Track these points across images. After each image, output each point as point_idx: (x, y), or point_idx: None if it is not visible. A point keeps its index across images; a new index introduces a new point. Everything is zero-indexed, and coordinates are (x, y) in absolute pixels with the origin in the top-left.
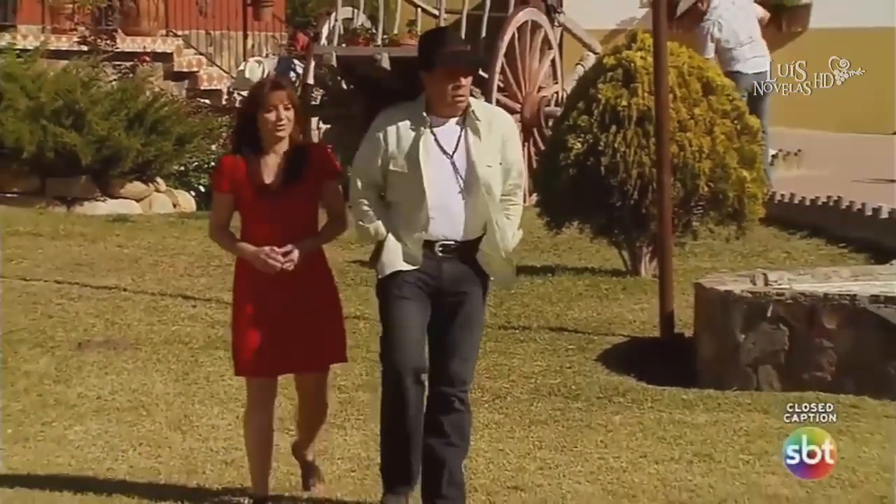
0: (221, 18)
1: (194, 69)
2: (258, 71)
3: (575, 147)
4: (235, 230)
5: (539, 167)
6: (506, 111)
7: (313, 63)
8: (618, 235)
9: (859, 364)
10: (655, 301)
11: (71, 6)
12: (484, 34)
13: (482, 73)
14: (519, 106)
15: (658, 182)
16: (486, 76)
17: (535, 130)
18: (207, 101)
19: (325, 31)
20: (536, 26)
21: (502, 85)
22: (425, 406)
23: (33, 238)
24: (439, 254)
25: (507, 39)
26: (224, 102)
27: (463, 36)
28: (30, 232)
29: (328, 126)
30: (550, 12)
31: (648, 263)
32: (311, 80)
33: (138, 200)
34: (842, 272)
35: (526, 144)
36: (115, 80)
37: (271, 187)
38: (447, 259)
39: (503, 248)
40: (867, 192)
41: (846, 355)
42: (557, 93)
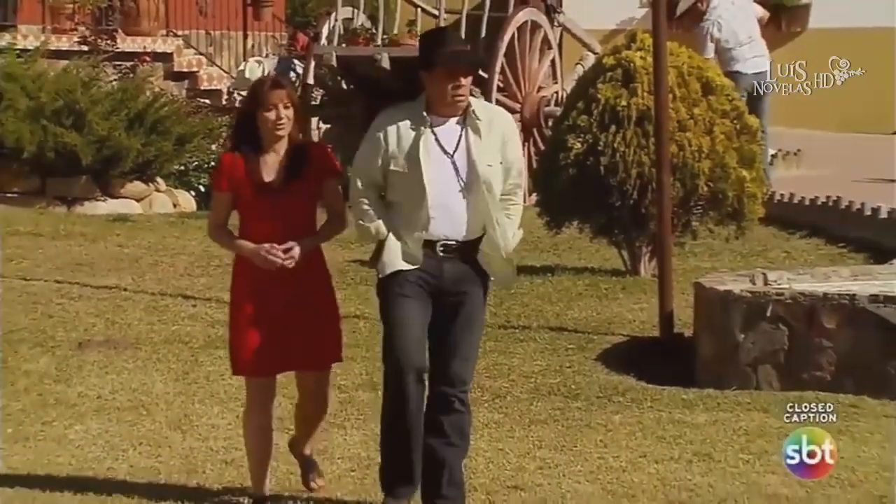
0: (221, 18)
1: (194, 69)
2: (258, 71)
3: (574, 147)
4: (234, 229)
5: (539, 167)
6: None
7: (313, 63)
8: (617, 235)
9: (859, 364)
10: (655, 301)
11: (71, 6)
12: (484, 34)
13: (482, 73)
14: (519, 106)
15: (657, 182)
16: (486, 76)
17: (535, 130)
18: (207, 101)
19: (325, 31)
20: (536, 26)
21: (502, 85)
22: (425, 406)
23: (34, 238)
24: (440, 253)
25: (507, 39)
26: (224, 102)
27: (463, 36)
28: (30, 232)
29: (328, 126)
30: (550, 12)
31: (648, 263)
32: (311, 80)
33: (138, 200)
34: (841, 272)
35: (526, 144)
36: (116, 80)
37: (271, 185)
38: (448, 259)
39: (504, 248)
40: (866, 192)
41: (845, 355)
42: (557, 93)
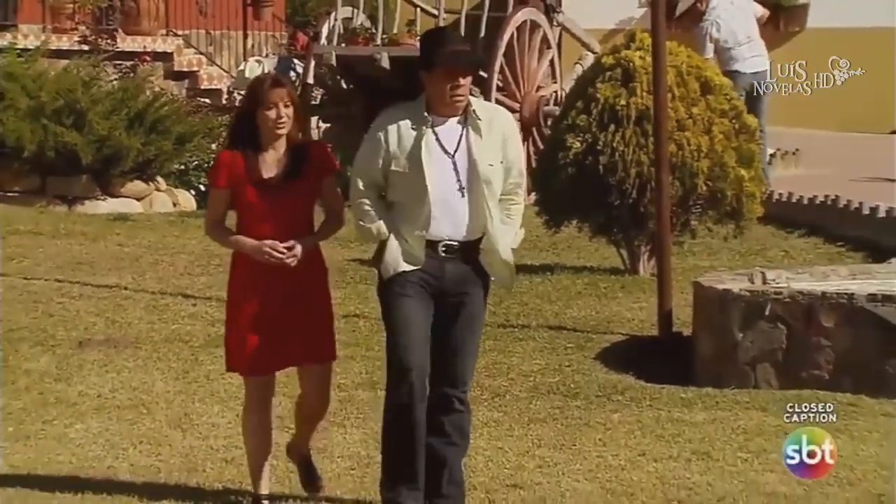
0: (221, 18)
1: (194, 69)
2: (258, 70)
3: (574, 146)
4: (231, 228)
5: (538, 166)
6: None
7: (313, 62)
8: (616, 234)
9: (857, 362)
10: (654, 299)
11: (72, 6)
12: (483, 34)
13: (481, 73)
14: (518, 105)
15: (656, 181)
16: (486, 75)
17: (534, 130)
18: (207, 101)
19: (325, 31)
20: (535, 26)
21: (501, 84)
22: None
23: (34, 237)
24: (442, 254)
25: (506, 39)
26: (224, 102)
27: (462, 35)
28: (31, 231)
29: (328, 125)
30: (549, 12)
31: (647, 262)
32: (311, 80)
33: (139, 199)
34: (839, 271)
35: (525, 144)
36: (116, 80)
37: (270, 182)
38: (450, 259)
39: (505, 248)
40: (865, 191)
41: (844, 354)
42: (556, 92)
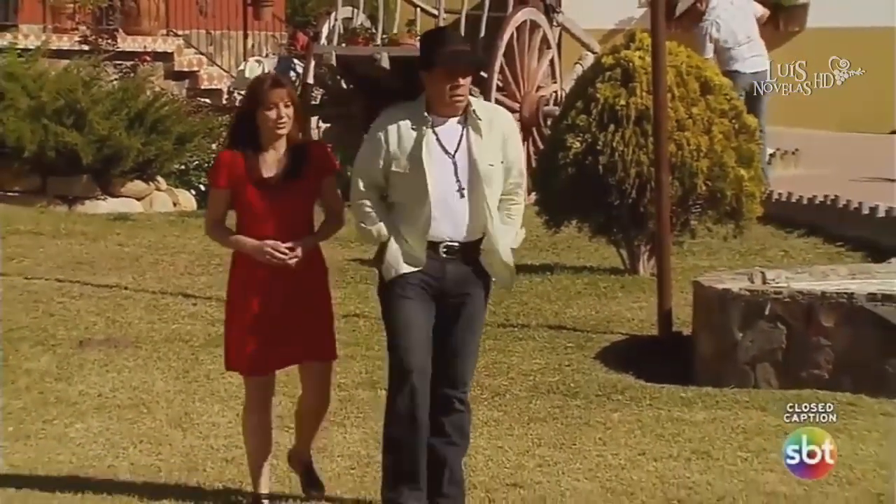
0: (222, 18)
1: (195, 69)
2: (258, 70)
3: (573, 146)
4: (231, 228)
5: (538, 166)
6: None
7: (313, 62)
8: (616, 234)
9: (856, 362)
10: (654, 299)
11: (72, 6)
12: (483, 34)
13: (481, 73)
14: (518, 105)
15: (656, 181)
16: (486, 75)
17: (534, 130)
18: (208, 101)
19: (325, 31)
20: (535, 26)
21: (501, 84)
22: None
23: (34, 237)
24: (443, 255)
25: (506, 39)
26: (224, 102)
27: (462, 35)
28: (31, 231)
29: (328, 125)
30: (549, 12)
31: (647, 262)
32: (311, 80)
33: (139, 199)
34: (839, 270)
35: (525, 144)
36: (116, 80)
37: (271, 182)
38: (451, 260)
39: (505, 248)
40: (864, 191)
41: (843, 353)
42: (556, 92)
